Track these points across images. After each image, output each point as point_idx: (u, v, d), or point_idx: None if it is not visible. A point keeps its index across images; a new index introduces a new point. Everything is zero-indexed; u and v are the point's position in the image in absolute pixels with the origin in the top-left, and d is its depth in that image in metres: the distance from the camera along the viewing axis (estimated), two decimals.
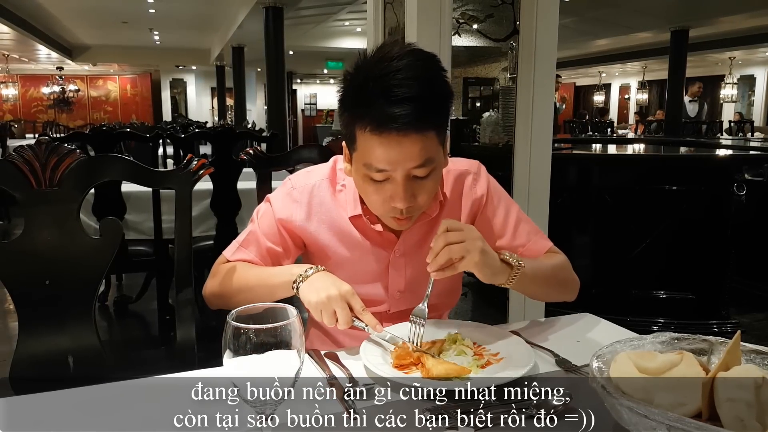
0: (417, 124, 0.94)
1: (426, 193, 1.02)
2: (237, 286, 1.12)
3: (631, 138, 8.98)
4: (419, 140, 0.96)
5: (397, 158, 0.96)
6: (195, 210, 2.70)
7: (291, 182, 1.17)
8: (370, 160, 0.98)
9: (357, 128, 0.98)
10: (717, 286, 3.30)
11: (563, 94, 19.92)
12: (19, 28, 11.19)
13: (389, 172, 0.98)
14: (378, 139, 0.95)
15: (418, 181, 1.00)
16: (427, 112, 0.95)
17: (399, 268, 1.15)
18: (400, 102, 0.92)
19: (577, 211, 3.39)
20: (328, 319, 0.98)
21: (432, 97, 0.96)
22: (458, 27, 2.67)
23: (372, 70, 0.96)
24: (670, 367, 0.72)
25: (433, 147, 0.99)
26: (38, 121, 17.09)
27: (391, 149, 0.95)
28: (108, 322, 3.56)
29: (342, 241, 1.14)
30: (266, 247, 1.15)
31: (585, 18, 10.48)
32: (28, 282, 1.13)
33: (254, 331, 0.62)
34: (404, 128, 0.93)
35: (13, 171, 1.09)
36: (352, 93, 0.99)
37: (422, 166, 0.98)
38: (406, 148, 0.95)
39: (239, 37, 12.32)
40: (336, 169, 1.17)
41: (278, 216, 1.15)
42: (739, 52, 14.35)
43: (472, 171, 1.20)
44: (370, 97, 0.94)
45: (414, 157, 0.97)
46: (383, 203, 1.02)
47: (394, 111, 0.92)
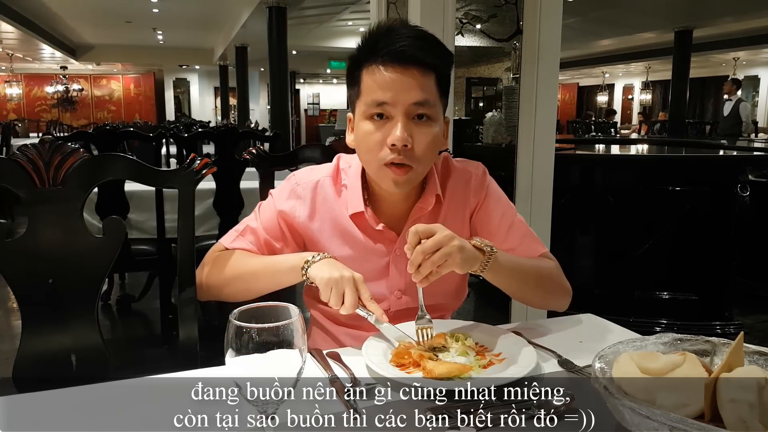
0: (418, 57, 1.03)
1: (423, 141, 1.05)
2: (235, 273, 1.11)
3: (634, 138, 8.97)
4: (420, 75, 1.03)
5: (398, 89, 1.02)
6: (198, 209, 2.69)
7: (295, 178, 1.18)
8: (373, 95, 1.04)
9: (363, 71, 1.06)
10: (720, 287, 3.29)
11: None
12: (23, 27, 11.23)
13: (389, 106, 1.03)
14: (382, 72, 1.03)
15: (416, 125, 1.04)
16: (427, 50, 1.04)
17: (400, 267, 1.15)
18: (404, 39, 1.03)
19: (580, 211, 3.38)
20: (336, 298, 0.98)
21: (433, 42, 1.07)
22: (461, 27, 2.67)
23: (378, 29, 1.07)
24: (672, 368, 0.71)
25: (431, 91, 1.05)
26: (42, 120, 17.13)
27: (393, 81, 1.03)
28: (111, 321, 3.56)
29: (343, 239, 1.15)
30: (264, 239, 1.15)
31: (588, 18, 10.46)
32: (32, 280, 1.14)
33: (256, 330, 0.63)
34: (406, 60, 1.02)
35: (17, 170, 1.10)
36: (362, 46, 1.08)
37: (421, 105, 1.03)
38: (407, 80, 1.02)
39: (242, 37, 12.34)
40: (339, 168, 1.18)
41: (279, 207, 1.16)
42: (744, 53, 14.31)
43: (475, 172, 1.21)
44: (377, 40, 1.05)
45: (413, 91, 1.03)
46: (380, 146, 1.05)
47: (398, 45, 1.02)
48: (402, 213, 1.16)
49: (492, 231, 1.18)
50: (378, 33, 1.06)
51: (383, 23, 1.08)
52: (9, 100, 18.66)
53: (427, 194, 1.15)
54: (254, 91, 17.95)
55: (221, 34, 13.89)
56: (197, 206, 1.31)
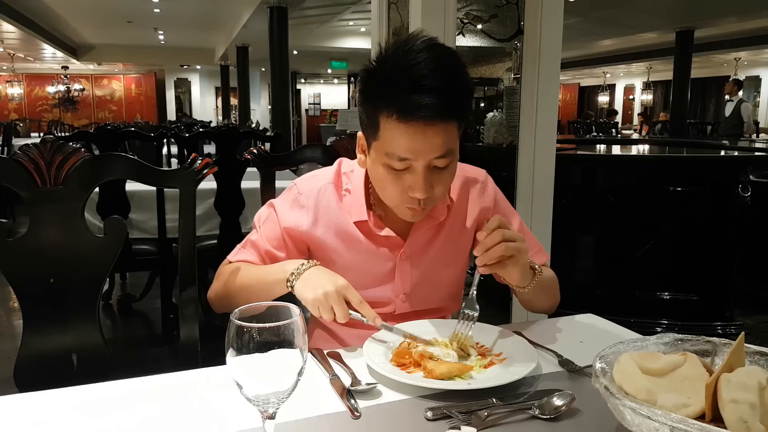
0: (442, 114, 0.96)
1: (443, 184, 1.03)
2: (238, 286, 1.12)
3: (635, 139, 8.96)
4: (443, 130, 0.97)
5: (421, 147, 0.97)
6: (199, 209, 2.70)
7: (297, 187, 1.16)
8: (393, 148, 0.98)
9: (381, 117, 0.99)
10: (721, 287, 3.29)
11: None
12: (24, 27, 11.24)
13: (411, 161, 0.99)
14: (404, 127, 0.96)
15: (437, 172, 1.01)
16: (451, 102, 0.97)
17: (405, 272, 1.15)
18: (427, 91, 0.94)
19: (581, 211, 3.38)
20: (327, 314, 0.98)
21: (456, 88, 0.98)
22: (462, 27, 2.67)
23: (398, 62, 0.97)
24: (673, 368, 0.71)
25: (454, 138, 1.00)
26: (43, 120, 17.15)
27: (416, 138, 0.96)
28: (112, 320, 3.57)
29: (348, 245, 1.14)
30: (265, 249, 1.14)
31: (590, 18, 10.46)
32: (33, 280, 1.14)
33: (257, 330, 0.62)
34: (430, 118, 0.95)
35: (19, 169, 1.10)
36: (378, 83, 1.00)
37: (443, 157, 0.99)
38: (430, 137, 0.97)
39: (244, 37, 12.35)
40: (340, 173, 1.17)
41: (284, 225, 1.14)
42: (745, 53, 14.30)
43: (479, 179, 1.21)
44: (398, 86, 0.96)
45: (437, 147, 0.98)
46: (401, 193, 1.03)
47: (421, 100, 0.94)
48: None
49: None
50: (395, 70, 0.97)
51: (402, 53, 0.97)
52: (10, 99, 18.68)
53: (438, 204, 1.13)
54: (255, 91, 17.97)
55: (222, 34, 13.90)
56: (198, 206, 1.31)
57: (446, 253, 1.18)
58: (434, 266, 1.17)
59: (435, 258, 1.17)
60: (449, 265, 1.20)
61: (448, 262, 1.19)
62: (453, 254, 1.19)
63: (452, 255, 1.19)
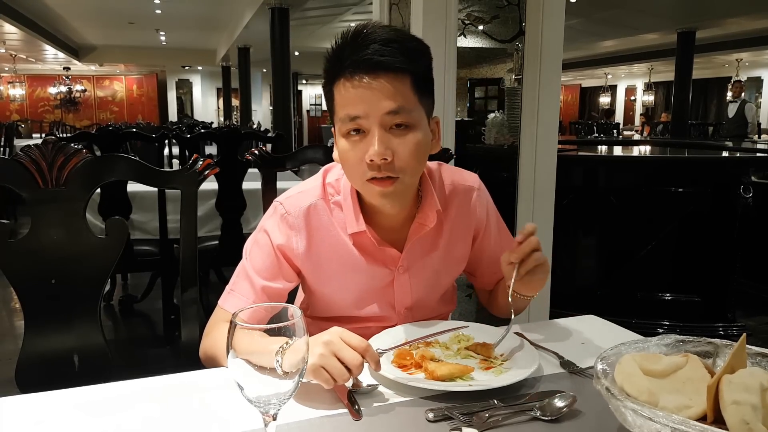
0: (386, 63, 0.94)
1: (405, 153, 0.97)
2: (223, 355, 0.96)
3: (637, 140, 8.96)
4: (390, 81, 0.94)
5: (368, 100, 0.94)
6: (200, 210, 2.69)
7: (283, 207, 1.08)
8: (345, 110, 0.97)
9: (335, 87, 0.99)
10: (723, 288, 3.28)
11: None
12: (26, 28, 11.27)
13: (362, 120, 0.95)
14: (351, 85, 0.95)
15: (395, 134, 0.96)
16: (396, 53, 0.95)
17: (404, 285, 1.12)
18: (369, 45, 0.94)
19: (582, 212, 3.38)
20: (327, 384, 0.84)
21: (403, 43, 0.97)
22: (464, 28, 2.67)
23: (348, 35, 0.98)
24: (675, 370, 0.71)
25: (408, 95, 0.96)
26: (45, 120, 17.20)
27: (363, 93, 0.95)
28: (113, 321, 3.57)
29: (344, 263, 1.09)
30: (261, 286, 1.06)
31: (591, 19, 10.46)
32: (35, 281, 1.14)
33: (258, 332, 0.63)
34: (373, 69, 0.94)
35: (20, 170, 1.10)
36: (330, 58, 0.99)
37: (396, 113, 0.95)
38: (376, 90, 0.94)
39: (245, 38, 12.37)
40: (325, 185, 1.11)
41: (276, 243, 1.07)
42: (746, 54, 14.29)
43: (474, 186, 1.18)
44: (343, 52, 0.96)
45: (385, 99, 0.94)
46: (360, 162, 0.97)
47: (362, 53, 0.94)
48: (401, 227, 1.09)
49: (492, 246, 1.19)
50: (343, 42, 0.97)
51: (350, 30, 0.98)
52: (12, 100, 18.71)
53: (425, 208, 1.08)
54: (257, 92, 17.97)
55: (224, 35, 13.93)
56: (199, 207, 1.31)
57: (444, 262, 1.15)
58: (433, 276, 1.14)
59: (433, 268, 1.13)
60: (448, 273, 1.18)
61: (445, 270, 1.16)
62: (451, 263, 1.17)
63: (451, 264, 1.16)
